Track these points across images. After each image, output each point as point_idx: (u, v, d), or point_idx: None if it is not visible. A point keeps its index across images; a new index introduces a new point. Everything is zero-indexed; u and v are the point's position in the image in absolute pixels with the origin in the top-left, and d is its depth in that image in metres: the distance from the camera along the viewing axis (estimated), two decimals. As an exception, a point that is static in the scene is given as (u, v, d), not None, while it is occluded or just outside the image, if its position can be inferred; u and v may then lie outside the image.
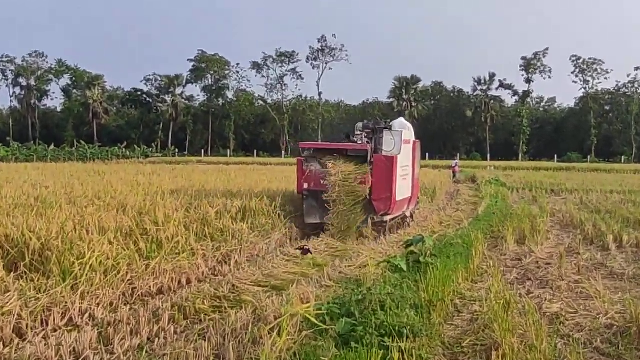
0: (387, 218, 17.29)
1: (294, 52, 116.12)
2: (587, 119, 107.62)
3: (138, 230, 11.18)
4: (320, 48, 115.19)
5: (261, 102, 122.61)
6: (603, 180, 43.02)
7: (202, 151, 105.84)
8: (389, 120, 18.94)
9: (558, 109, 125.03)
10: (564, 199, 29.79)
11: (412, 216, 20.10)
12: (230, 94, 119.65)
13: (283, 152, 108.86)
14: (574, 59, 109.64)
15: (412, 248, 10.78)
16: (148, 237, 10.98)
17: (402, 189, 17.88)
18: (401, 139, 17.83)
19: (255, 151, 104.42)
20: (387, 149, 17.56)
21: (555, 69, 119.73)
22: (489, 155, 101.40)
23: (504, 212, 21.40)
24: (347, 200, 16.46)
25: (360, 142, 17.72)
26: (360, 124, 18.52)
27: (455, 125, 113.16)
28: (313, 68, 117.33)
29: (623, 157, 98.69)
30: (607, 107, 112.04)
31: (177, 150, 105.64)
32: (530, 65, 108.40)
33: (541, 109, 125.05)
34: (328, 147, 17.77)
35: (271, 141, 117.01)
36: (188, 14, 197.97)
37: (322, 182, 16.95)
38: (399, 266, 9.71)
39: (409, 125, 19.54)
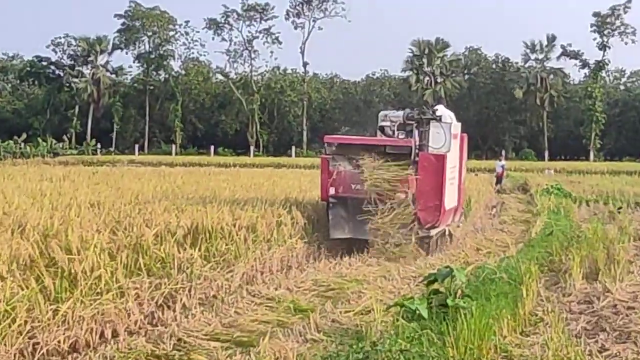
0: (434, 232, 18.60)
1: (267, 4, 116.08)
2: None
3: (42, 260, 11.14)
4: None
5: (221, 77, 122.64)
6: None
7: (136, 147, 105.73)
8: (436, 109, 20.09)
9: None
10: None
11: (450, 234, 21.22)
12: (176, 65, 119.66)
13: (252, 149, 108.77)
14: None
15: (436, 285, 10.81)
16: (57, 271, 10.95)
17: (450, 195, 19.23)
18: (451, 133, 19.17)
19: (213, 147, 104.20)
20: (435, 146, 18.84)
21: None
22: (547, 153, 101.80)
23: (568, 235, 21.44)
24: (387, 209, 17.84)
25: (389, 135, 19.59)
26: (390, 112, 20.49)
27: (500, 110, 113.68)
28: (295, 28, 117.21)
29: None
30: None
31: (99, 145, 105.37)
32: (605, 25, 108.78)
33: (621, 87, 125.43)
34: (361, 143, 19.52)
35: (235, 133, 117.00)
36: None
37: (353, 186, 18.55)
38: (417, 311, 9.73)
39: (452, 114, 20.85)
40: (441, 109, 20.45)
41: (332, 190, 18.62)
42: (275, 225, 17.10)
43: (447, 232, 20.64)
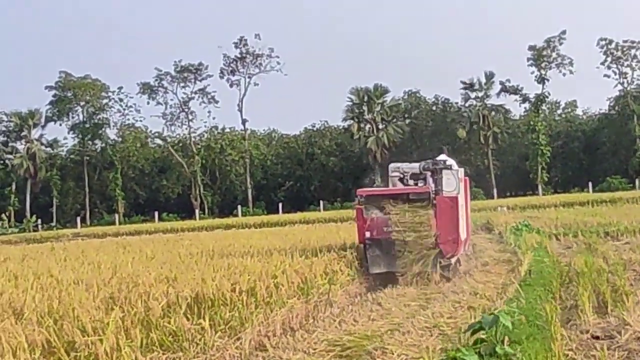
0: (453, 260, 22.77)
1: (200, 64, 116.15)
2: (630, 128, 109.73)
3: (61, 344, 10.81)
4: (239, 56, 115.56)
5: (159, 142, 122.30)
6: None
7: (78, 219, 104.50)
8: (446, 160, 24.46)
9: (585, 117, 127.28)
10: (627, 243, 30.17)
11: (459, 261, 24.82)
12: (112, 133, 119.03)
13: (197, 212, 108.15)
14: (602, 43, 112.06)
15: (480, 334, 10.64)
16: (77, 355, 10.62)
17: (463, 229, 23.46)
18: (458, 178, 23.48)
19: (157, 213, 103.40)
20: (449, 189, 23.04)
21: (578, 60, 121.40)
22: (495, 191, 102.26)
23: (561, 271, 21.56)
24: (415, 245, 21.94)
25: (396, 184, 24.51)
26: (401, 165, 25.20)
27: (442, 151, 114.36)
28: (231, 86, 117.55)
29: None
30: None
31: (40, 221, 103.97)
32: (542, 58, 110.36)
33: (561, 118, 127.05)
34: (387, 193, 23.79)
35: (178, 196, 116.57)
36: (41, 19, 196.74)
37: (384, 229, 22.69)
38: (469, 364, 9.54)
39: (454, 162, 24.95)
40: (444, 157, 24.99)
41: (367, 234, 22.89)
42: (274, 287, 16.84)
43: (457, 260, 24.25)
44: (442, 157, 25.34)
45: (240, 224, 77.10)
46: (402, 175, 24.74)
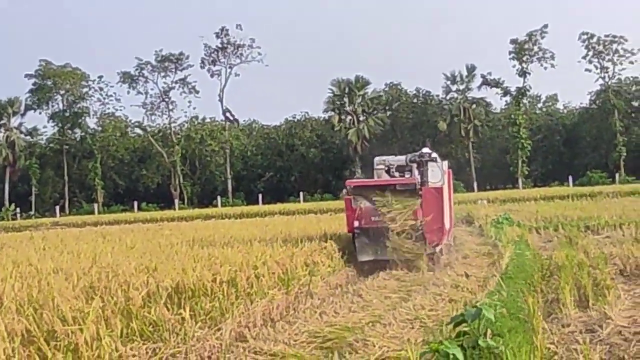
0: (438, 248, 23.83)
1: (182, 54, 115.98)
2: (610, 122, 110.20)
3: (41, 333, 10.71)
4: (220, 46, 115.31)
5: (139, 131, 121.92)
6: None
7: (57, 208, 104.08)
8: (430, 152, 25.56)
9: (565, 111, 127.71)
10: (607, 237, 30.20)
11: (441, 250, 25.46)
12: (92, 122, 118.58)
13: (177, 202, 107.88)
14: (584, 37, 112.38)
15: (463, 327, 10.58)
16: (57, 344, 10.52)
17: (447, 219, 24.65)
18: (442, 170, 24.99)
19: (136, 203, 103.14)
20: (434, 181, 24.39)
21: (559, 54, 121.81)
22: (475, 184, 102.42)
23: (542, 264, 21.60)
24: (402, 234, 22.88)
25: (381, 176, 25.45)
26: (387, 158, 26.51)
27: (424, 144, 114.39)
28: (212, 76, 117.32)
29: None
30: (635, 104, 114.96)
31: (18, 210, 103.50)
32: (523, 51, 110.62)
33: (541, 112, 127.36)
34: (375, 184, 24.56)
35: (157, 186, 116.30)
36: (21, 7, 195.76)
37: (372, 218, 23.62)
38: (452, 356, 9.48)
39: (436, 155, 26.02)
40: (427, 150, 25.81)
41: (356, 223, 23.74)
42: (254, 277, 16.78)
43: (440, 249, 24.99)
44: (425, 150, 26.09)
45: (219, 215, 76.87)
46: (387, 168, 25.85)
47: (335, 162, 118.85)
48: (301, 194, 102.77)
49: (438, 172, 24.84)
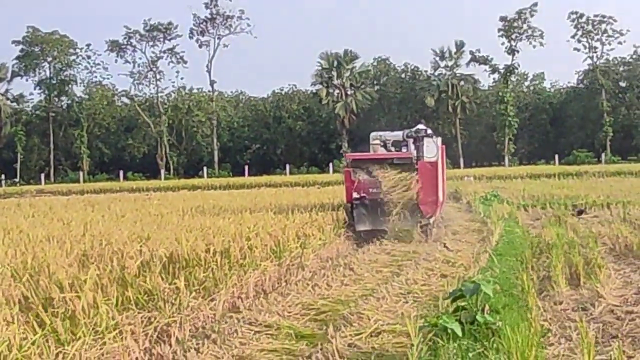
0: (432, 220, 24.81)
1: (170, 23, 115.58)
2: (597, 102, 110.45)
3: (38, 300, 10.71)
4: (209, 16, 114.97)
5: (126, 100, 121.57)
6: (634, 187, 44.08)
7: (42, 176, 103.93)
8: (426, 129, 27.01)
9: (553, 90, 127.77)
10: (595, 217, 30.35)
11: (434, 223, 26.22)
12: (79, 90, 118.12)
13: (163, 172, 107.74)
14: (573, 17, 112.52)
15: (461, 302, 10.64)
16: (55, 311, 10.52)
17: (441, 192, 25.70)
18: (437, 145, 26.00)
19: (122, 172, 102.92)
20: (429, 155, 25.43)
21: (548, 32, 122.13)
22: (462, 160, 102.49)
23: (531, 242, 21.71)
24: (399, 205, 23.83)
25: (377, 151, 26.98)
26: (384, 133, 28.43)
27: (412, 119, 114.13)
28: (200, 46, 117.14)
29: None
30: (623, 84, 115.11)
31: (3, 176, 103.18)
32: (513, 29, 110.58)
33: (528, 90, 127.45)
34: (374, 157, 25.96)
35: (144, 156, 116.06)
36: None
37: (370, 190, 24.76)
38: (450, 330, 9.54)
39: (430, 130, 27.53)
40: (422, 126, 27.17)
41: (355, 194, 24.85)
42: (248, 248, 16.79)
43: (434, 221, 25.95)
44: (421, 126, 27.44)
45: (206, 185, 77.06)
46: (383, 143, 27.40)
47: (322, 135, 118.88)
48: (287, 166, 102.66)
49: (433, 148, 25.82)
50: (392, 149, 27.47)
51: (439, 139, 27.45)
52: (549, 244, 20.43)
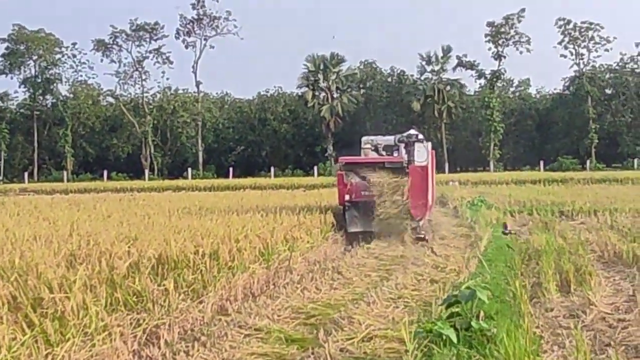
0: (421, 223, 25.18)
1: (157, 24, 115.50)
2: (583, 109, 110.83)
3: (27, 300, 10.59)
4: (196, 17, 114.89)
5: (111, 100, 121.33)
6: (619, 194, 44.15)
7: (26, 175, 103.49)
8: (417, 134, 27.29)
9: (538, 96, 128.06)
10: (581, 223, 30.37)
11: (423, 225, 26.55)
12: (64, 89, 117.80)
13: (147, 172, 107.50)
14: (561, 23, 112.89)
15: (455, 308, 10.56)
16: (44, 311, 10.41)
17: (431, 195, 26.56)
18: (428, 150, 26.63)
19: (106, 172, 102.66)
20: (420, 160, 25.92)
21: (535, 38, 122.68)
22: (447, 165, 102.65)
23: (520, 248, 21.71)
24: (390, 208, 24.47)
25: (367, 155, 27.86)
26: (375, 138, 28.97)
27: (397, 123, 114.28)
28: (186, 47, 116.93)
29: (636, 160, 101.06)
30: (609, 91, 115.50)
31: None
32: (500, 35, 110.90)
33: (514, 96, 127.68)
34: (366, 161, 26.89)
35: (128, 156, 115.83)
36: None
37: (362, 193, 25.58)
38: (445, 336, 9.45)
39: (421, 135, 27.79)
40: (414, 132, 27.34)
41: (347, 197, 25.82)
42: (237, 251, 16.69)
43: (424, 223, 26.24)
44: (412, 131, 27.69)
45: (190, 187, 76.77)
46: (374, 147, 28.22)
47: (307, 138, 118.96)
48: (272, 168, 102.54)
49: (424, 152, 26.35)
50: (384, 153, 28.13)
51: (429, 144, 28.14)
52: (538, 250, 20.42)
